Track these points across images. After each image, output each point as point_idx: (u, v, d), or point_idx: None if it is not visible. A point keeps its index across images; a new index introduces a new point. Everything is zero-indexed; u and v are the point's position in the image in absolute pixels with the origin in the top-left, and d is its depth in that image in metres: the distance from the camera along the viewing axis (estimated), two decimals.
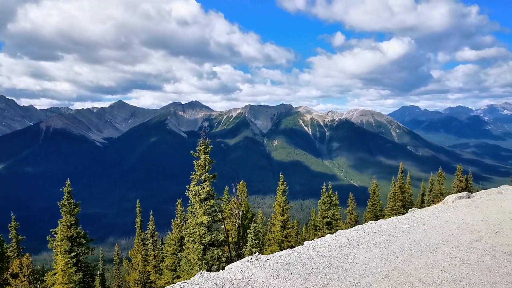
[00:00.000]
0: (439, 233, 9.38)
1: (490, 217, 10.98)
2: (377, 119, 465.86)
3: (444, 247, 8.20)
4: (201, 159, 14.96)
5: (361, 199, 53.22)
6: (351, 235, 9.32)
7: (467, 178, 44.60)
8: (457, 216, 11.23)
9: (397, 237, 9.06)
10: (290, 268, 7.04)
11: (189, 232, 14.84)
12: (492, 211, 11.76)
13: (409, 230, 9.73)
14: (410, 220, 10.86)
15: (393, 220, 10.82)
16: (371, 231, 9.60)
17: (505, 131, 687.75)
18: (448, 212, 11.80)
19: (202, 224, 14.27)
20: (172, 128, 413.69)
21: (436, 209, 12.44)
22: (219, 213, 15.18)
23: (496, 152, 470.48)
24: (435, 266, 7.01)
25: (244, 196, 18.89)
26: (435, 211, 12.08)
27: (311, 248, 8.31)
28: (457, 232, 9.39)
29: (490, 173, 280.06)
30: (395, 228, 9.92)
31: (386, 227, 10.01)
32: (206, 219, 14.16)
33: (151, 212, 24.63)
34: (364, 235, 9.32)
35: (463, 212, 11.82)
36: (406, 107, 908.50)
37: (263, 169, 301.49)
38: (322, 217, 27.16)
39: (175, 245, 19.51)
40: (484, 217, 11.03)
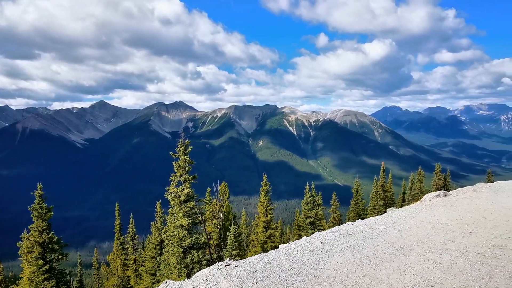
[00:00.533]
0: (414, 234, 9.37)
1: (464, 216, 11.09)
2: (360, 119, 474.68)
3: (418, 248, 8.15)
4: (180, 160, 14.56)
5: (345, 198, 53.87)
6: (326, 238, 9.19)
7: (445, 177, 45.84)
8: (433, 216, 11.29)
9: (372, 239, 9.02)
10: (257, 277, 6.76)
11: (168, 235, 14.39)
12: (467, 209, 11.91)
13: (385, 231, 9.71)
14: (387, 220, 10.85)
15: (370, 221, 10.77)
16: (347, 233, 9.51)
17: (481, 131, 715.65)
18: (425, 212, 11.89)
19: (182, 227, 13.87)
20: (155, 129, 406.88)
21: (413, 209, 12.54)
22: (199, 215, 14.81)
23: (472, 151, 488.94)
24: (408, 270, 6.92)
25: (226, 197, 18.57)
26: (412, 211, 12.17)
27: (283, 252, 8.14)
28: (431, 233, 9.44)
29: (467, 171, 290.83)
30: (371, 229, 9.89)
31: (362, 228, 9.94)
32: (186, 221, 13.78)
33: (131, 215, 23.90)
34: (339, 237, 9.23)
35: (438, 211, 11.93)
36: (388, 108, 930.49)
37: (248, 170, 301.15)
38: (306, 217, 27.16)
39: (155, 249, 18.95)
40: (458, 216, 11.12)
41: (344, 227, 10.28)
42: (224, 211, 17.23)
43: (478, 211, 11.64)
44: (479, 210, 11.83)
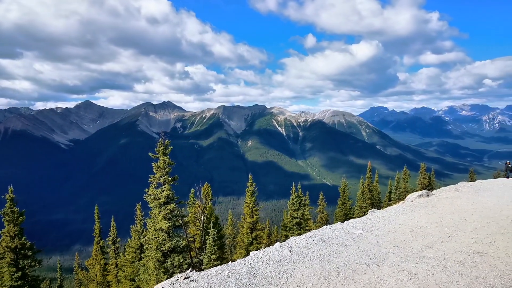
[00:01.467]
0: (391, 240, 8.98)
1: (445, 218, 10.90)
2: (348, 119, 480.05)
3: (393, 257, 7.66)
4: (160, 160, 14.06)
5: (334, 198, 54.05)
6: (297, 245, 8.68)
7: (430, 176, 46.55)
8: (413, 218, 11.06)
9: (345, 246, 8.55)
10: None
11: (147, 239, 13.87)
12: (448, 210, 11.79)
13: (361, 237, 9.35)
14: (365, 224, 10.55)
15: (348, 224, 10.49)
16: (321, 239, 9.09)
17: (464, 131, 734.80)
18: (405, 214, 11.67)
19: (162, 230, 13.38)
20: (143, 129, 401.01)
21: (394, 210, 12.37)
22: (180, 218, 14.33)
23: (456, 150, 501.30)
24: (379, 284, 6.41)
25: (208, 198, 18.11)
26: (393, 213, 11.95)
27: (248, 263, 7.55)
28: (409, 238, 9.13)
29: (451, 170, 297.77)
30: (347, 234, 9.49)
31: (338, 233, 9.58)
32: (166, 224, 13.30)
33: (112, 218, 23.12)
34: (311, 244, 8.72)
35: (419, 213, 11.75)
36: (375, 108, 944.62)
37: (237, 170, 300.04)
38: (292, 218, 26.95)
39: (135, 253, 18.32)
40: (439, 218, 10.93)
41: (320, 232, 9.90)
42: (207, 213, 16.77)
43: (459, 212, 11.45)
44: (460, 211, 11.65)
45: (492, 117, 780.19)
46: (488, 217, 10.94)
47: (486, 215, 11.12)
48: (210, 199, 18.47)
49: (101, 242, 22.77)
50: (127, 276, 18.02)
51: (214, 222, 16.24)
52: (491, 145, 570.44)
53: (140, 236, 18.02)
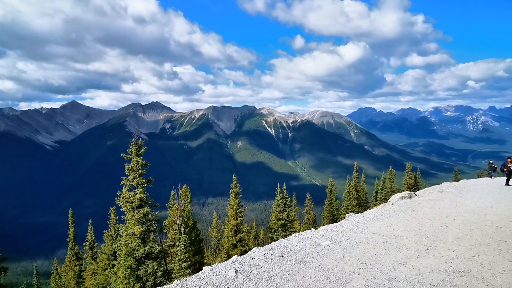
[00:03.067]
0: (360, 254, 7.91)
1: (424, 224, 10.14)
2: (336, 120, 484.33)
3: (358, 279, 6.48)
4: (133, 162, 13.31)
5: (322, 198, 53.87)
6: (248, 263, 7.41)
7: (415, 176, 46.92)
8: (390, 225, 10.24)
9: (305, 263, 7.33)
10: None
11: (119, 245, 13.09)
12: (429, 215, 11.11)
13: (327, 249, 8.29)
14: (336, 232, 9.65)
15: (318, 233, 9.70)
16: (281, 253, 7.93)
17: (448, 131, 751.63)
18: (382, 220, 10.84)
19: (135, 235, 12.63)
20: (131, 130, 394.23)
21: (372, 215, 11.66)
22: (154, 222, 13.61)
23: (441, 150, 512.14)
24: None
25: (187, 201, 17.41)
26: (370, 217, 11.24)
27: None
28: (381, 251, 8.07)
29: (436, 170, 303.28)
30: (312, 246, 8.46)
31: (303, 244, 8.57)
32: (139, 229, 12.56)
33: (90, 222, 22.11)
34: (266, 261, 7.45)
35: (397, 218, 10.96)
36: (363, 109, 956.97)
37: (227, 171, 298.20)
38: (277, 219, 26.48)
39: (108, 260, 17.47)
40: (418, 224, 10.16)
41: (284, 242, 8.93)
42: (184, 217, 16.07)
43: (440, 217, 10.76)
44: (441, 215, 10.98)
45: (476, 118, 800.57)
46: (472, 222, 10.25)
47: (469, 220, 10.48)
48: (189, 201, 17.75)
49: (75, 248, 21.72)
50: (99, 284, 17.13)
51: (192, 225, 15.54)
52: (474, 145, 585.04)
53: (114, 242, 17.20)
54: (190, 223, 15.94)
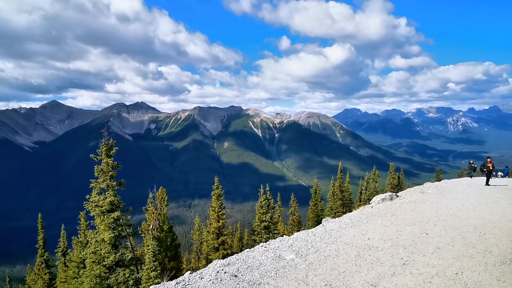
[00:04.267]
0: (327, 271, 6.99)
1: (403, 231, 9.41)
2: (322, 121, 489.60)
3: None
4: (103, 163, 12.49)
5: (309, 199, 53.83)
6: (196, 284, 6.55)
7: (399, 176, 47.36)
8: (365, 233, 9.47)
9: (259, 285, 6.50)
10: None
11: (88, 252, 12.25)
12: (408, 220, 10.48)
13: (289, 266, 7.35)
14: (306, 242, 8.82)
15: (287, 242, 8.88)
16: (235, 271, 6.94)
17: (431, 132, 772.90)
18: (358, 226, 10.13)
19: (104, 242, 11.82)
20: (115, 131, 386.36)
21: (349, 220, 11.05)
22: (126, 227, 12.83)
23: (423, 150, 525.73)
24: None
25: (164, 204, 16.65)
26: (345, 224, 10.56)
27: None
28: (351, 267, 7.18)
29: (419, 170, 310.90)
30: (274, 261, 7.52)
31: (265, 258, 7.65)
32: (109, 235, 11.76)
33: (62, 226, 20.95)
34: (213, 282, 6.55)
35: (375, 224, 10.26)
36: (349, 110, 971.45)
37: (213, 172, 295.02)
38: (260, 221, 25.99)
39: (78, 268, 16.50)
40: (396, 231, 9.41)
41: (245, 255, 8.06)
42: (159, 220, 15.29)
43: (421, 223, 10.11)
44: (421, 221, 10.33)
45: (456, 119, 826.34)
46: (453, 228, 9.60)
47: (450, 226, 9.86)
48: (165, 204, 16.98)
49: (45, 255, 20.53)
50: None
51: (168, 230, 14.80)
52: (455, 146, 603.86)
53: (84, 249, 16.22)
54: (166, 227, 15.14)
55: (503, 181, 22.79)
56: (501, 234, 8.86)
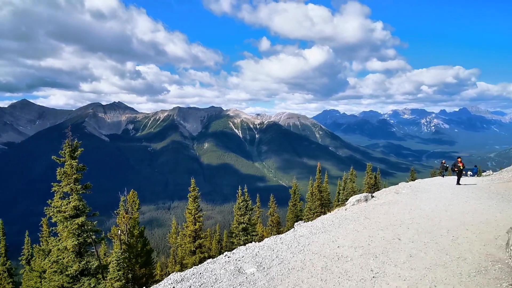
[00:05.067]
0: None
1: (375, 237, 9.04)
2: (302, 122, 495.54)
3: None
4: (66, 165, 11.67)
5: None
6: None
7: (375, 176, 48.37)
8: (336, 240, 9.01)
9: None
10: None
11: (50, 261, 11.39)
12: (381, 224, 10.18)
13: (248, 282, 6.77)
14: (271, 252, 8.21)
15: (252, 251, 8.29)
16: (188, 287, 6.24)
17: (406, 133, 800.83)
18: (329, 232, 9.67)
19: (67, 250, 11.03)
20: (91, 131, 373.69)
21: (321, 224, 10.68)
22: (92, 234, 12.05)
23: (399, 151, 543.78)
24: None
25: (135, 207, 15.89)
26: (317, 228, 10.15)
27: None
28: (316, 283, 6.62)
29: (395, 169, 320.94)
30: (232, 276, 6.95)
31: (223, 273, 7.02)
32: (72, 242, 10.98)
33: (27, 233, 19.64)
34: None
35: (347, 229, 9.86)
36: (328, 111, 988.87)
37: (193, 173, 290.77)
38: (238, 223, 25.56)
39: (39, 277, 15.44)
40: (368, 237, 9.03)
41: (203, 268, 7.47)
42: (129, 226, 14.54)
43: (394, 227, 9.82)
44: (394, 224, 10.09)
45: (429, 121, 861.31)
46: (426, 232, 9.32)
47: (423, 229, 9.60)
48: (137, 208, 16.21)
49: (7, 263, 19.16)
50: None
51: (138, 235, 14.06)
52: (428, 146, 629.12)
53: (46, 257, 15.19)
54: (136, 232, 14.36)
55: (472, 180, 23.62)
56: (473, 238, 8.66)
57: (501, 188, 15.77)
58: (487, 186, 17.58)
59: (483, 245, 8.10)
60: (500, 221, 9.84)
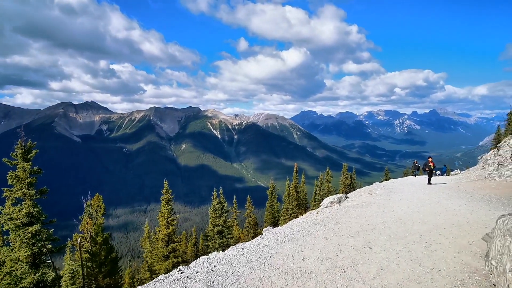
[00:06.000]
0: None
1: (345, 246, 8.39)
2: (280, 122, 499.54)
3: None
4: (18, 168, 10.63)
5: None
6: None
7: (351, 175, 49.10)
8: (302, 250, 8.31)
9: None
10: None
11: (3, 273, 10.32)
12: (352, 229, 9.68)
13: None
14: (228, 267, 7.46)
15: (211, 264, 7.61)
16: None
17: (380, 134, 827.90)
18: (296, 241, 8.97)
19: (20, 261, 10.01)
20: (61, 132, 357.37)
21: (289, 230, 10.06)
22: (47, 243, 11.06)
23: (374, 151, 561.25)
24: None
25: (100, 212, 14.91)
26: (284, 236, 9.50)
27: None
28: None
29: (370, 169, 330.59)
30: None
31: None
32: (25, 252, 9.99)
33: None
34: None
35: (316, 236, 9.18)
36: (305, 112, 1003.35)
37: (170, 174, 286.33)
38: (213, 226, 24.88)
39: None
40: (337, 247, 8.35)
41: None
42: (92, 233, 13.55)
43: (365, 232, 9.40)
44: (366, 229, 9.68)
45: (402, 122, 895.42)
46: (398, 238, 8.90)
47: (396, 235, 9.17)
48: (102, 213, 15.21)
49: None
50: None
51: (102, 242, 13.08)
52: (401, 146, 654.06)
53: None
54: (100, 239, 13.34)
55: (442, 179, 24.32)
56: (447, 244, 8.27)
57: (469, 188, 16.18)
58: (456, 185, 18.04)
59: (457, 252, 7.70)
60: (472, 224, 9.67)
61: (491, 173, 18.02)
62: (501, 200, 12.54)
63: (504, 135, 43.54)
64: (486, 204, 12.12)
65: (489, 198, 13.24)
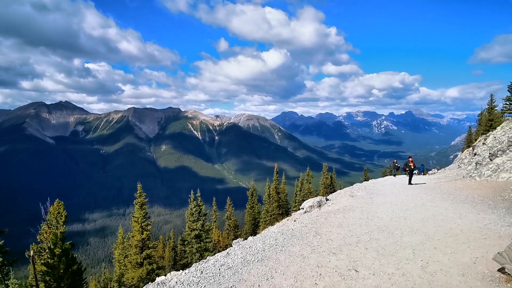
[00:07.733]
0: None
1: (325, 268, 7.10)
2: (262, 123, 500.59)
3: None
4: None
5: None
6: None
7: (331, 176, 49.18)
8: (272, 275, 6.95)
9: None
10: None
11: None
12: (334, 243, 8.50)
13: None
14: None
15: None
16: None
17: (359, 134, 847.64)
18: (267, 260, 7.66)
19: None
20: (33, 133, 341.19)
21: (261, 245, 8.94)
22: None
23: (353, 151, 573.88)
24: None
25: (61, 220, 13.57)
26: (255, 251, 8.43)
27: None
28: None
29: (349, 169, 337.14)
30: None
31: None
32: None
33: None
34: None
35: (291, 254, 7.94)
36: (286, 113, 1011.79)
37: (150, 176, 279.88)
38: (191, 230, 23.79)
39: None
40: (315, 269, 7.08)
41: None
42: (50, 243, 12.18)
43: (349, 246, 8.21)
44: (350, 242, 8.49)
45: (379, 122, 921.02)
46: (388, 254, 7.66)
47: (385, 250, 7.96)
48: (63, 221, 13.83)
49: None
50: None
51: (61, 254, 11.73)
52: (379, 146, 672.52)
53: None
54: (58, 250, 11.94)
55: (422, 179, 24.39)
56: (447, 262, 6.95)
57: (451, 188, 16.01)
58: (437, 185, 17.88)
59: (462, 275, 6.36)
60: (467, 233, 8.58)
61: (470, 172, 18.05)
62: (486, 202, 12.24)
63: (475, 135, 45.00)
64: (472, 206, 11.71)
65: (473, 199, 12.95)
